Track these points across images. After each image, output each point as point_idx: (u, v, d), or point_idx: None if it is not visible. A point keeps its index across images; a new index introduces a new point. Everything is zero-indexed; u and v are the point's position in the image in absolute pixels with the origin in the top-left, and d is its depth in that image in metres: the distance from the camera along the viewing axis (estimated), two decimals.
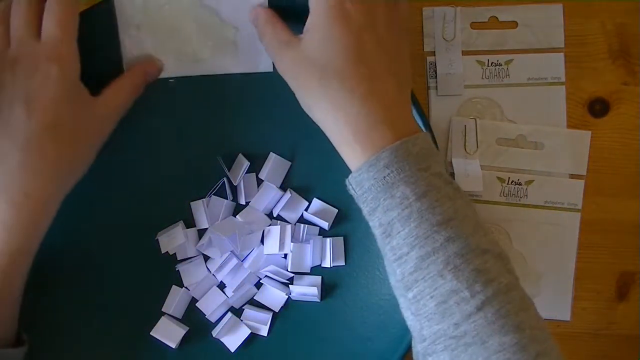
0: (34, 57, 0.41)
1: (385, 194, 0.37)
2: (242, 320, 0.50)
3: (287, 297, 0.50)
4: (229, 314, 0.50)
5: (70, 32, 0.42)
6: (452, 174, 0.52)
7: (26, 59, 0.41)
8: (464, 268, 0.36)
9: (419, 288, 0.37)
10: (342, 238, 0.50)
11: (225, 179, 0.50)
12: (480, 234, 0.38)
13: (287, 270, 0.49)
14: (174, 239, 0.49)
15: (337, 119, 0.39)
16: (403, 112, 0.40)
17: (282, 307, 0.50)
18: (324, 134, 0.42)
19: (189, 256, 0.50)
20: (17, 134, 0.40)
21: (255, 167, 0.50)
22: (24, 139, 0.40)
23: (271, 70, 0.48)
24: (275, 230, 0.49)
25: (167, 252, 0.50)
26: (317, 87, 0.40)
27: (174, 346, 0.49)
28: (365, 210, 0.39)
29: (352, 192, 0.40)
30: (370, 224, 0.39)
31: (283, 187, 0.50)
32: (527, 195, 0.53)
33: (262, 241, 0.50)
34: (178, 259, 0.50)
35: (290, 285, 0.50)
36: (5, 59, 0.42)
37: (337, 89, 0.39)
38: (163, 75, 0.48)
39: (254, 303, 0.50)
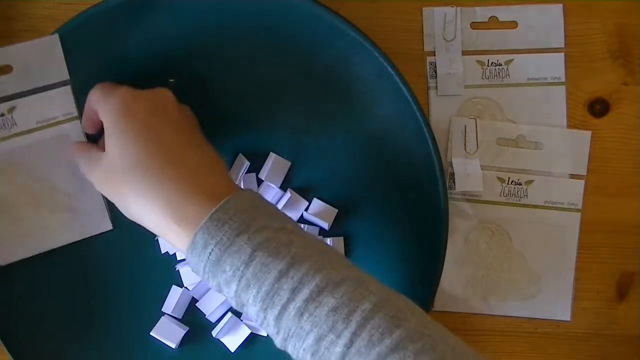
0: None
1: (218, 270, 0.36)
2: (242, 320, 0.50)
3: None
4: (229, 314, 0.50)
5: None
6: (452, 174, 0.52)
7: None
8: (320, 312, 0.34)
9: (291, 346, 0.35)
10: (342, 238, 0.50)
11: None
12: (330, 266, 0.35)
13: None
14: None
15: (153, 209, 0.38)
16: (211, 180, 0.39)
17: None
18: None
19: None
20: None
21: (255, 167, 0.50)
22: None
23: (111, 228, 0.48)
24: None
25: (167, 252, 0.50)
26: (125, 186, 0.39)
27: (174, 346, 0.49)
28: (214, 289, 0.38)
29: (198, 275, 0.38)
30: (226, 297, 0.38)
31: (283, 187, 0.50)
32: (527, 195, 0.53)
33: None
34: (178, 259, 0.50)
35: None
36: None
37: (141, 179, 0.38)
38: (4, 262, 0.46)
39: None
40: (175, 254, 0.50)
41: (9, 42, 0.47)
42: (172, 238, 0.38)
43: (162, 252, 0.50)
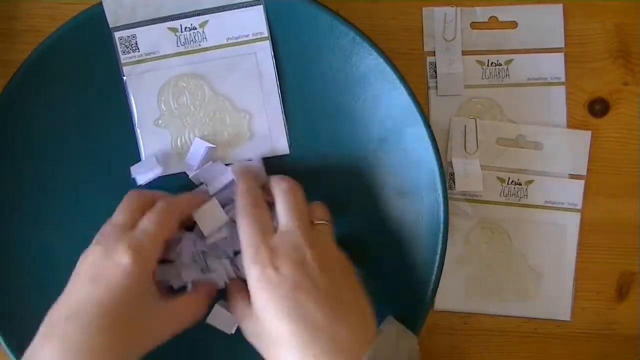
0: (114, 241, 0.41)
1: None
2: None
3: None
4: None
5: (162, 233, 0.42)
6: (452, 174, 0.52)
7: (108, 239, 0.41)
8: None
9: None
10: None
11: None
12: None
13: None
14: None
15: None
16: (356, 349, 0.39)
17: None
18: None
19: None
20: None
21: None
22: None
23: (287, 152, 0.48)
24: None
25: None
26: (275, 350, 0.40)
27: None
28: None
29: None
30: None
31: None
32: (527, 195, 0.53)
33: None
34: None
35: None
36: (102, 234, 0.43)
37: (290, 354, 0.39)
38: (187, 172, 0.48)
39: None
40: None
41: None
42: None
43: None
